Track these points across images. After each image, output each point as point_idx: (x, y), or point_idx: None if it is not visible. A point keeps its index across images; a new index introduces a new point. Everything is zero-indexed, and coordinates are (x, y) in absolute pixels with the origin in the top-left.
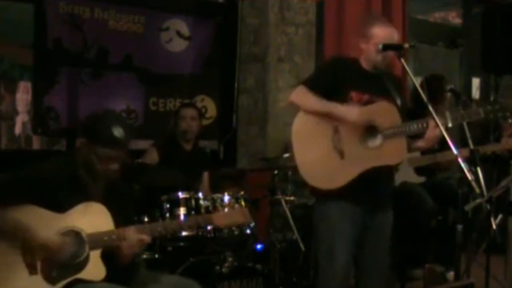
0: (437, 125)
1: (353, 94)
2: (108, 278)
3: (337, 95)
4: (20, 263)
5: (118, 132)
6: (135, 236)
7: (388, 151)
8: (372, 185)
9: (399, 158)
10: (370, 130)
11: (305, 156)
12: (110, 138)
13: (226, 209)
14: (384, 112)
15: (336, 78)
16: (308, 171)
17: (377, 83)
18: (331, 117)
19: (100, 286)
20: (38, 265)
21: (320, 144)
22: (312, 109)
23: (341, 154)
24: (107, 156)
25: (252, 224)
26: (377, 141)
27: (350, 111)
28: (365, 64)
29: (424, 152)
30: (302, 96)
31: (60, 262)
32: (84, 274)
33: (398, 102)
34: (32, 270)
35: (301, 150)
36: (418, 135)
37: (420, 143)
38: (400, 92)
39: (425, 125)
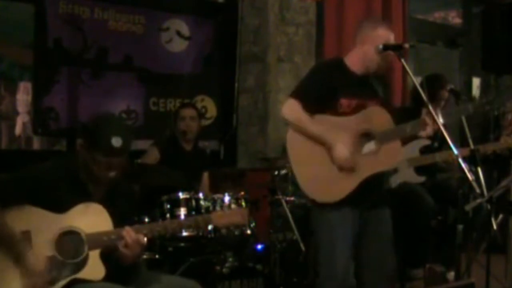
0: (435, 124)
1: (343, 101)
2: (108, 278)
3: (327, 104)
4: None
5: (116, 142)
6: (133, 236)
7: (384, 156)
8: (368, 187)
9: (395, 162)
10: (365, 136)
11: (304, 170)
12: (108, 148)
13: (225, 209)
14: (377, 117)
15: (324, 87)
16: (307, 185)
17: (365, 86)
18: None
19: (99, 286)
20: None
21: (317, 157)
22: (304, 133)
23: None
24: (104, 163)
25: (252, 224)
26: (373, 146)
27: (340, 150)
28: (359, 66)
29: (424, 152)
30: (295, 115)
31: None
32: (83, 274)
33: (386, 102)
34: None
35: (299, 164)
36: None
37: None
38: (387, 92)
39: (419, 126)
